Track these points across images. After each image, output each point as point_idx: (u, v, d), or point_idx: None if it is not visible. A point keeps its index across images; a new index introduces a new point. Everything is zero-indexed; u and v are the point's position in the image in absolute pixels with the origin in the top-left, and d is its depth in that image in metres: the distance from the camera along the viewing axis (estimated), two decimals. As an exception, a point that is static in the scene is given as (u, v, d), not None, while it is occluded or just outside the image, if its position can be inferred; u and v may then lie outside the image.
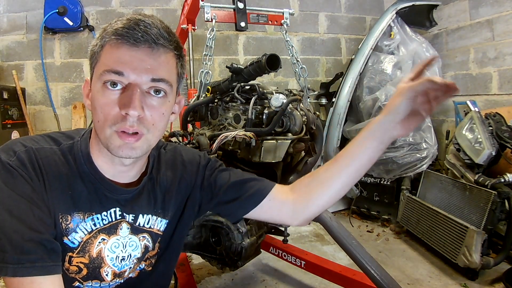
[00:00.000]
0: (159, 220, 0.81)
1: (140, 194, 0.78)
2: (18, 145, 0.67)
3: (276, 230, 1.72)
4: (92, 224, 0.71)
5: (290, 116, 1.37)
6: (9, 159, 0.64)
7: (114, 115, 0.63)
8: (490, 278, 1.92)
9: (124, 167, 0.73)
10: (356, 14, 3.80)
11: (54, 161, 0.68)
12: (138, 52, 0.62)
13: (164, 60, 0.65)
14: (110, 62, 0.63)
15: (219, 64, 3.42)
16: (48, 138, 0.72)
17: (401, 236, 2.60)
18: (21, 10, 3.06)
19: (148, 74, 0.63)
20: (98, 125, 0.65)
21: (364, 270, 1.26)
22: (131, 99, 0.61)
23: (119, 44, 0.62)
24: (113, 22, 0.65)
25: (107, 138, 0.64)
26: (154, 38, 0.62)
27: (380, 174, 2.87)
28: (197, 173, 0.87)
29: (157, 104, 0.66)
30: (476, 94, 2.94)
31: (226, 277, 1.97)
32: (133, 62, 0.62)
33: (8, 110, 2.68)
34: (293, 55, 2.22)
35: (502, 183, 1.94)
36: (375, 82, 2.87)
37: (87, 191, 0.70)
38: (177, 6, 3.27)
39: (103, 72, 0.63)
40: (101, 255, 0.72)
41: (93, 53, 0.67)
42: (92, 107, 0.67)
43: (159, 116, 0.67)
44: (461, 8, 3.02)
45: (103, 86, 0.63)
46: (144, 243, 0.79)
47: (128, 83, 0.63)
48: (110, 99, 0.63)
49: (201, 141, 1.39)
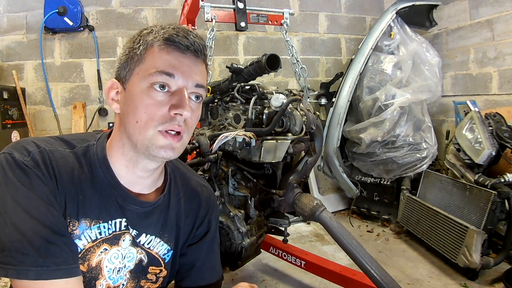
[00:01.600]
0: (161, 243, 0.80)
1: (151, 213, 0.77)
2: (31, 144, 0.66)
3: (276, 230, 1.72)
4: (97, 233, 0.70)
5: (290, 116, 1.37)
6: (24, 158, 0.63)
7: (162, 115, 0.65)
8: (490, 278, 1.92)
9: (145, 172, 0.73)
10: (356, 14, 3.80)
11: (67, 164, 0.67)
12: (186, 59, 0.67)
13: (202, 69, 0.71)
14: (161, 64, 0.65)
15: (219, 64, 3.42)
16: (61, 141, 0.71)
17: (401, 236, 2.60)
18: (21, 10, 3.07)
19: (193, 80, 0.68)
20: (137, 125, 0.65)
21: (364, 270, 1.26)
22: (184, 101, 0.65)
23: (169, 49, 0.66)
24: (158, 28, 0.68)
25: (149, 139, 0.65)
26: (200, 48, 0.69)
27: (380, 174, 2.87)
28: (202, 218, 0.88)
29: (195, 108, 0.70)
30: (476, 94, 2.94)
31: (226, 277, 1.97)
32: (183, 67, 0.66)
33: (8, 110, 2.68)
34: (293, 55, 2.22)
35: (502, 183, 1.94)
36: (375, 82, 2.87)
37: (98, 197, 0.70)
38: (177, 6, 3.27)
39: (153, 73, 0.65)
40: (100, 266, 0.71)
41: (134, 55, 0.68)
42: (129, 108, 0.67)
43: (195, 119, 0.72)
44: (461, 8, 3.03)
45: (150, 87, 0.65)
46: (140, 256, 0.77)
47: (177, 87, 0.66)
48: (157, 100, 0.65)
49: (201, 141, 1.39)
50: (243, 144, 1.33)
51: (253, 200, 1.46)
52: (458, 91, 3.13)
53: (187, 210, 0.85)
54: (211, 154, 1.36)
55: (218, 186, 1.45)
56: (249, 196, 1.46)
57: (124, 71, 0.69)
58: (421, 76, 2.86)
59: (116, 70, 0.71)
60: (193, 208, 0.86)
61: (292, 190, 1.50)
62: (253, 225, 1.47)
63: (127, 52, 0.69)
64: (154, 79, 0.65)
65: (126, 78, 0.68)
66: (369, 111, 2.84)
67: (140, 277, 0.78)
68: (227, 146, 1.40)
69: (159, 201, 0.78)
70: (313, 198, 1.45)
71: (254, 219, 1.48)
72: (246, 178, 1.50)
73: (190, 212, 0.85)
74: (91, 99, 3.22)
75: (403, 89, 2.76)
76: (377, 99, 2.76)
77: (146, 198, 0.76)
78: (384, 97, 2.72)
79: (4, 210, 0.59)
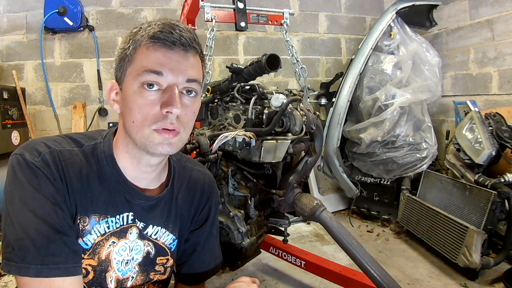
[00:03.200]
0: (167, 233, 0.83)
1: (156, 205, 0.80)
2: (41, 145, 0.68)
3: (276, 230, 1.72)
4: (106, 227, 0.73)
5: (290, 116, 1.37)
6: (34, 159, 0.65)
7: (154, 115, 0.65)
8: (490, 278, 1.92)
9: (149, 167, 0.75)
10: (356, 14, 3.80)
11: (76, 162, 0.70)
12: (174, 54, 0.66)
13: (195, 62, 0.69)
14: (148, 63, 0.65)
15: (219, 64, 3.42)
16: (70, 140, 0.74)
17: (401, 236, 2.60)
18: (21, 10, 3.07)
19: (183, 75, 0.67)
20: (134, 125, 0.67)
21: (364, 270, 1.26)
22: (173, 99, 0.65)
23: (156, 47, 0.65)
24: (146, 26, 0.67)
25: (146, 138, 0.66)
26: (188, 41, 0.67)
27: (380, 174, 2.87)
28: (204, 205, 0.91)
29: (189, 104, 0.69)
30: (476, 94, 2.94)
31: (226, 277, 1.97)
32: (171, 63, 0.65)
33: (8, 110, 2.68)
34: (293, 55, 2.22)
35: (502, 183, 1.94)
36: (375, 82, 2.87)
37: (106, 193, 0.72)
38: (177, 6, 3.27)
39: (142, 73, 0.65)
40: (109, 258, 0.74)
41: (125, 56, 0.68)
42: (126, 108, 0.68)
43: (192, 115, 0.71)
44: (461, 8, 3.02)
45: (141, 87, 0.65)
46: (147, 249, 0.80)
47: (167, 84, 0.66)
48: (148, 100, 0.65)
49: (201, 141, 1.39)
50: (243, 144, 1.33)
51: (253, 200, 1.46)
52: (458, 91, 3.13)
53: (189, 199, 0.88)
54: (211, 154, 1.37)
55: (218, 186, 1.45)
56: (249, 196, 1.46)
57: (119, 72, 0.70)
58: (421, 76, 2.86)
59: (114, 71, 0.73)
60: (195, 196, 0.89)
61: (292, 190, 1.50)
62: (253, 225, 1.47)
63: (119, 53, 0.70)
64: (143, 79, 0.65)
65: (122, 79, 0.69)
66: (369, 111, 2.84)
67: (149, 269, 0.81)
68: (227, 146, 1.40)
69: (163, 194, 0.80)
70: (313, 198, 1.45)
71: (254, 219, 1.48)
72: (246, 178, 1.50)
73: (193, 200, 0.89)
74: (91, 99, 3.22)
75: (403, 89, 2.76)
76: (377, 99, 2.76)
77: (151, 192, 0.79)
78: (384, 97, 2.72)
79: (12, 209, 0.63)
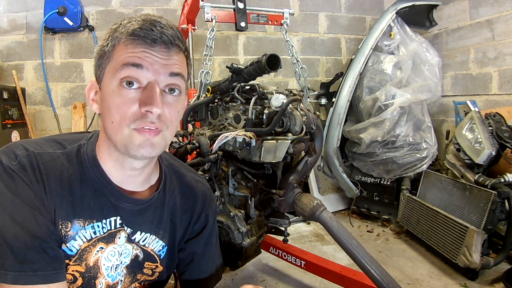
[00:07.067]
0: (157, 240, 0.79)
1: (145, 210, 0.76)
2: (19, 148, 0.65)
3: (276, 230, 1.72)
4: (92, 232, 0.69)
5: (290, 116, 1.37)
6: (10, 162, 0.62)
7: (133, 113, 0.62)
8: (490, 278, 1.92)
9: (134, 171, 0.71)
10: (356, 14, 3.80)
11: (56, 165, 0.66)
12: (154, 52, 0.62)
13: (178, 59, 0.66)
14: (127, 57, 0.61)
15: (219, 64, 3.42)
16: (53, 142, 0.70)
17: (401, 236, 2.60)
18: (21, 10, 3.07)
19: (165, 70, 0.63)
20: (113, 126, 0.63)
21: (364, 270, 1.26)
22: (153, 97, 0.61)
23: (135, 43, 0.62)
24: (125, 22, 0.64)
25: (126, 138, 0.63)
26: (170, 38, 0.63)
27: (380, 174, 2.87)
28: (199, 214, 0.88)
29: (173, 102, 0.66)
30: (476, 94, 2.94)
31: (226, 277, 1.97)
32: (151, 57, 0.62)
33: (8, 110, 2.68)
34: (293, 55, 2.22)
35: (502, 183, 1.94)
36: (375, 82, 2.87)
37: (90, 197, 0.68)
38: (177, 6, 3.27)
39: (120, 67, 0.61)
40: (97, 264, 0.70)
41: (103, 53, 0.65)
42: (105, 109, 0.64)
43: (176, 114, 0.67)
44: (461, 8, 3.02)
45: (119, 85, 0.62)
46: (136, 252, 0.77)
47: (148, 82, 0.62)
48: (127, 98, 0.62)
49: (201, 141, 1.39)
50: (243, 144, 1.33)
51: (253, 200, 1.46)
52: (458, 91, 3.13)
53: (183, 207, 0.84)
54: (211, 154, 1.36)
55: (218, 186, 1.45)
56: (249, 196, 1.46)
57: (98, 70, 0.66)
58: (421, 76, 2.86)
59: (93, 69, 0.69)
60: (189, 204, 0.85)
61: (292, 190, 1.50)
62: (253, 225, 1.47)
63: (98, 50, 0.66)
64: (121, 74, 0.61)
65: (100, 77, 0.66)
66: (369, 111, 2.84)
67: (137, 271, 0.78)
68: (227, 146, 1.40)
69: (153, 198, 0.76)
70: (313, 198, 1.45)
71: (254, 219, 1.48)
72: (246, 178, 1.50)
73: (186, 208, 0.85)
74: (91, 99, 3.22)
75: (403, 89, 2.76)
76: (377, 99, 2.76)
77: (140, 195, 0.75)
78: (384, 97, 2.72)
79: None
